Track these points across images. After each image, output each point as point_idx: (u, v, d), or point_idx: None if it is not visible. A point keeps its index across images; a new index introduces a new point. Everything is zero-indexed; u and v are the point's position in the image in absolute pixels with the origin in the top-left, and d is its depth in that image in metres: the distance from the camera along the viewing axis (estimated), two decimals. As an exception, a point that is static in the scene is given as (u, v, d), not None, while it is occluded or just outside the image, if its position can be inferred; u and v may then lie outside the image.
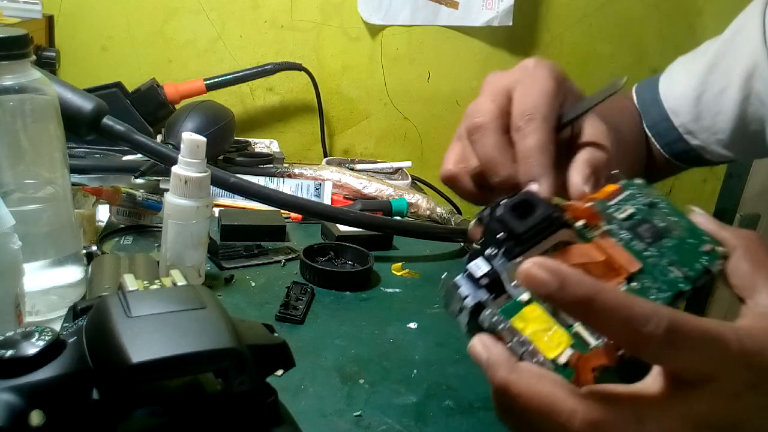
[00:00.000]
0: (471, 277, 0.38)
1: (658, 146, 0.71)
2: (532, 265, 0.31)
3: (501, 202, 0.39)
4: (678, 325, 0.30)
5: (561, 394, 0.32)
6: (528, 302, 0.36)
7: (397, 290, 0.66)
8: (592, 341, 0.35)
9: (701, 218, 0.41)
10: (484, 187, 0.48)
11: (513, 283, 0.37)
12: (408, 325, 0.59)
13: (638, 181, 0.44)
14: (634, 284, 0.38)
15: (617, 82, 0.44)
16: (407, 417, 0.46)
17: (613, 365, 0.34)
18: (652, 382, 0.34)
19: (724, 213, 1.49)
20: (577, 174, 0.44)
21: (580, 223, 0.41)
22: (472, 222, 0.41)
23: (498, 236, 0.38)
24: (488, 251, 0.39)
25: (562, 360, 0.34)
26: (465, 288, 0.38)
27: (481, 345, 0.35)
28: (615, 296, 0.30)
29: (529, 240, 0.39)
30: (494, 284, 0.38)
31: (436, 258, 0.76)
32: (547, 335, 0.35)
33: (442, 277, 0.39)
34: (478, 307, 0.37)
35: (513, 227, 0.38)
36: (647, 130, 0.71)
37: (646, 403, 0.32)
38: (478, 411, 0.48)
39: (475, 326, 0.37)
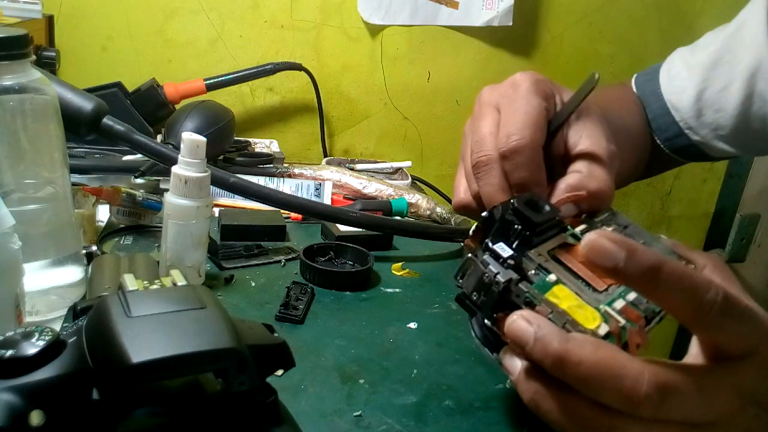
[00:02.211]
0: (496, 258, 0.38)
1: (658, 141, 0.70)
2: (598, 236, 0.31)
3: (511, 200, 0.40)
4: (730, 296, 0.31)
5: (624, 359, 0.32)
6: (556, 282, 0.37)
7: (397, 290, 0.66)
8: (622, 320, 0.36)
9: (669, 242, 0.44)
10: None
11: (532, 272, 0.38)
12: (408, 325, 0.59)
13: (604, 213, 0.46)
14: None
15: (592, 78, 0.44)
16: (407, 417, 0.46)
17: (645, 347, 0.35)
18: (695, 358, 0.34)
19: (724, 213, 1.49)
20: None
21: (578, 230, 0.42)
22: (474, 226, 0.42)
23: (515, 226, 0.39)
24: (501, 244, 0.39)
25: (602, 331, 0.34)
26: (494, 266, 0.38)
27: (524, 320, 0.34)
28: (679, 266, 0.31)
29: (543, 232, 0.40)
30: (517, 268, 0.38)
31: (436, 258, 0.76)
32: (581, 311, 0.35)
33: (467, 255, 0.39)
34: (507, 286, 0.37)
35: (531, 217, 0.39)
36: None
37: (701, 374, 0.33)
38: (478, 411, 0.48)
39: (501, 306, 0.37)
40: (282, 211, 0.77)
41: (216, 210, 0.78)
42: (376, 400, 0.48)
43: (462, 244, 0.79)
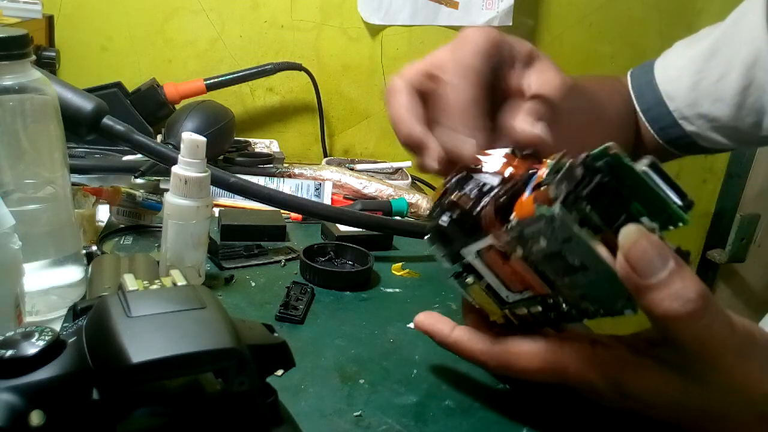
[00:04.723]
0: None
1: (651, 131, 0.70)
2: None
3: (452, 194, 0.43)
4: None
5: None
6: (472, 284, 0.45)
7: (397, 290, 0.66)
8: (515, 321, 0.45)
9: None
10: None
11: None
12: (408, 325, 0.59)
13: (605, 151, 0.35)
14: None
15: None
16: (407, 417, 0.46)
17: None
18: None
19: (724, 213, 1.49)
20: (521, 121, 0.45)
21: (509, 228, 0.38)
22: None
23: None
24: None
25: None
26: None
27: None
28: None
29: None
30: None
31: (436, 258, 0.76)
32: (489, 306, 0.45)
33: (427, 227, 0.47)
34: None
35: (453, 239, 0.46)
36: (641, 114, 0.71)
37: None
38: (478, 411, 0.48)
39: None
40: (282, 211, 0.77)
41: (216, 210, 0.78)
42: (376, 400, 0.48)
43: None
